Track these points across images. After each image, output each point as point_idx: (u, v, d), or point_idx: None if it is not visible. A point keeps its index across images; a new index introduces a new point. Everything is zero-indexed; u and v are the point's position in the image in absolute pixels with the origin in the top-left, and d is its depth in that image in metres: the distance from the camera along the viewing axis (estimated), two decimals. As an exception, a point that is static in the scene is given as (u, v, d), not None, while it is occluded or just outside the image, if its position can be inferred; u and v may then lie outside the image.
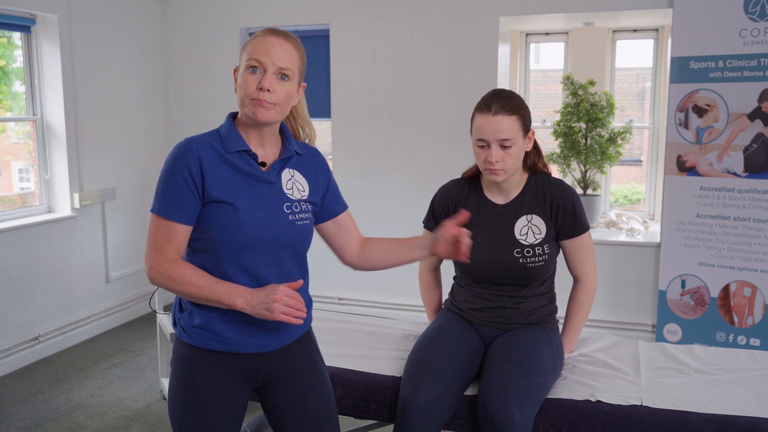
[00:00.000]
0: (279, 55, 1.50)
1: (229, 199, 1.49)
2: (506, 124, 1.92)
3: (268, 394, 1.65)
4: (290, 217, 1.57)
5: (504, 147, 1.94)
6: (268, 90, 1.49)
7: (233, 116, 1.60)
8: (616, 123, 4.17)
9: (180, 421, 1.56)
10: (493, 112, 1.92)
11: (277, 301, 1.45)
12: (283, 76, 1.51)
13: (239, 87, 1.52)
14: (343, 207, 1.75)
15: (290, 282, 1.53)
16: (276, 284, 1.49)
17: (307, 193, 1.63)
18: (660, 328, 3.75)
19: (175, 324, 1.61)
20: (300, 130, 1.71)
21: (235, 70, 1.58)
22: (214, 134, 1.57)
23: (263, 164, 1.58)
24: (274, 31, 1.55)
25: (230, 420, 1.58)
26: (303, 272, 1.64)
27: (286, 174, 1.60)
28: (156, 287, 1.93)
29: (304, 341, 1.69)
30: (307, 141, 1.72)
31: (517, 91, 4.49)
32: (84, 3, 3.94)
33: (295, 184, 1.61)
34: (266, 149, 1.59)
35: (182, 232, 1.50)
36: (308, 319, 1.70)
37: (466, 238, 1.62)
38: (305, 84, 1.63)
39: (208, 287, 1.48)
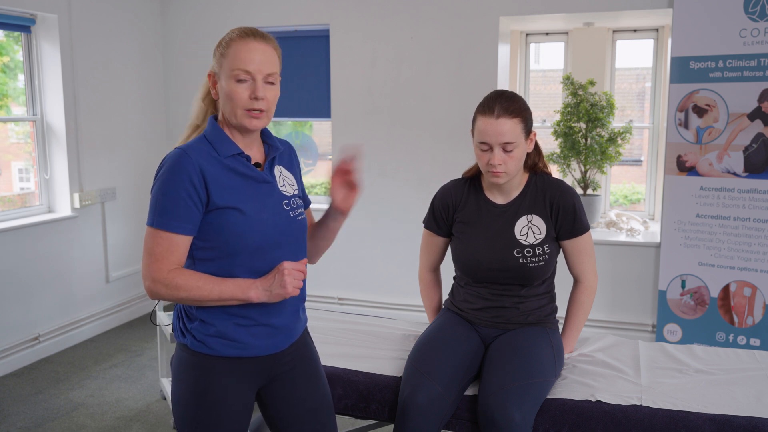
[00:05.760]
0: (264, 61, 1.49)
1: (236, 205, 1.48)
2: (508, 127, 1.91)
3: (270, 393, 1.65)
4: (290, 213, 1.59)
5: (506, 150, 1.93)
6: (262, 99, 1.48)
7: (215, 118, 1.58)
8: (616, 123, 4.16)
9: (193, 430, 1.54)
10: (496, 115, 1.91)
11: (287, 276, 1.47)
12: (270, 82, 1.51)
13: (227, 98, 1.49)
14: (308, 202, 1.75)
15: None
16: (278, 265, 1.50)
17: (295, 186, 1.66)
18: (660, 328, 3.74)
19: (182, 334, 1.57)
20: None
21: (211, 75, 1.55)
22: (202, 140, 1.53)
23: (258, 165, 1.58)
24: (252, 34, 1.51)
25: (241, 423, 1.58)
26: None
27: (276, 171, 1.61)
28: (156, 302, 1.90)
29: (304, 338, 1.71)
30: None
31: (517, 92, 4.49)
32: (84, 3, 3.94)
33: (285, 180, 1.63)
34: (253, 149, 1.59)
35: (184, 243, 1.48)
36: (305, 317, 1.72)
37: (349, 164, 1.61)
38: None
39: (218, 288, 1.47)
